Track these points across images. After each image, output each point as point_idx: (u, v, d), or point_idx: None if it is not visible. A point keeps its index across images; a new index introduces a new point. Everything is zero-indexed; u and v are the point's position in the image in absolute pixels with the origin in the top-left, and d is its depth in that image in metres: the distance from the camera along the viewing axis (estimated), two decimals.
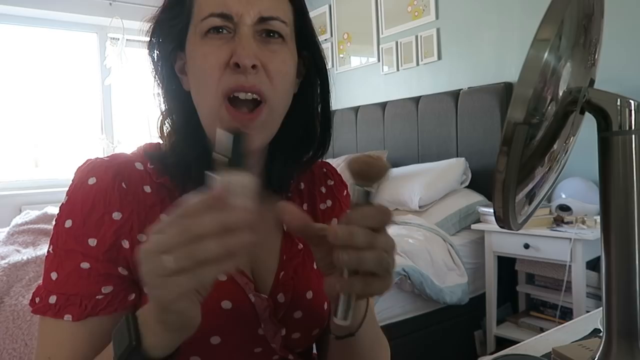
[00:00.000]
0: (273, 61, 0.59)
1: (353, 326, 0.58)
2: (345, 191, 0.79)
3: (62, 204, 0.60)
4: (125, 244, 0.58)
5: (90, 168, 0.60)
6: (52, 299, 0.57)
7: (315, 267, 0.70)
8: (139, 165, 0.61)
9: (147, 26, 0.65)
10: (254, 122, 0.59)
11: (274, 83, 0.59)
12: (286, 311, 0.65)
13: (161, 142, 0.66)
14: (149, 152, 0.64)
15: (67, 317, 0.56)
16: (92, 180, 0.58)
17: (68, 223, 0.58)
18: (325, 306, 0.69)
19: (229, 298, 0.60)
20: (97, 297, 0.57)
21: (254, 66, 0.57)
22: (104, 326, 0.57)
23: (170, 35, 0.63)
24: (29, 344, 1.34)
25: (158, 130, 0.66)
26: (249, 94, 0.58)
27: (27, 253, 1.74)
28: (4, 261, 1.61)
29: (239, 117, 0.58)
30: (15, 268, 1.58)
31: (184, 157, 0.61)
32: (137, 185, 0.60)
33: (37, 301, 0.58)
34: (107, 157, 0.62)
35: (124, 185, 0.59)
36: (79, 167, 0.61)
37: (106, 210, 0.58)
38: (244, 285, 0.62)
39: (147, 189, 0.60)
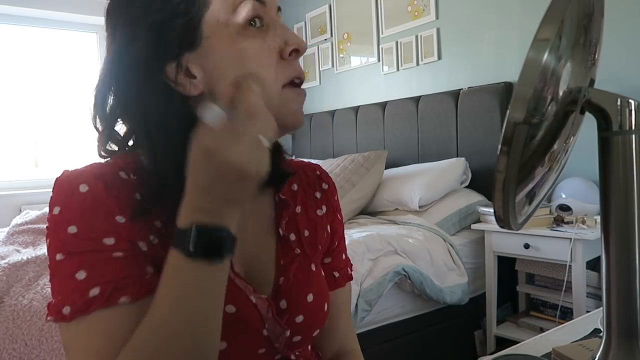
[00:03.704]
0: None
1: None
2: (336, 196, 0.79)
3: (54, 215, 0.55)
4: (143, 246, 0.56)
5: (75, 176, 0.56)
6: (94, 292, 0.52)
7: (313, 268, 0.70)
8: (123, 175, 0.58)
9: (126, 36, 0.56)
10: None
11: None
12: (289, 317, 0.65)
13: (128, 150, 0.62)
14: (130, 165, 0.59)
15: (124, 299, 0.52)
16: (83, 188, 0.55)
17: (72, 229, 0.54)
18: (325, 307, 0.70)
19: (231, 302, 0.59)
20: (145, 276, 0.54)
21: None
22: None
23: (178, 36, 0.55)
24: (29, 344, 1.34)
25: (122, 139, 0.62)
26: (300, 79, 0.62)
27: (27, 253, 1.74)
28: (3, 261, 1.61)
29: (301, 93, 0.61)
30: (15, 268, 1.58)
31: (169, 170, 0.55)
32: (128, 193, 0.57)
33: (66, 311, 0.52)
34: (86, 167, 0.58)
35: (114, 194, 0.56)
36: (60, 177, 0.57)
37: (108, 214, 0.55)
38: (243, 288, 0.62)
39: (138, 196, 0.57)
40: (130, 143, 0.63)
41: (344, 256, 0.79)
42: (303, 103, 0.62)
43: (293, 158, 0.76)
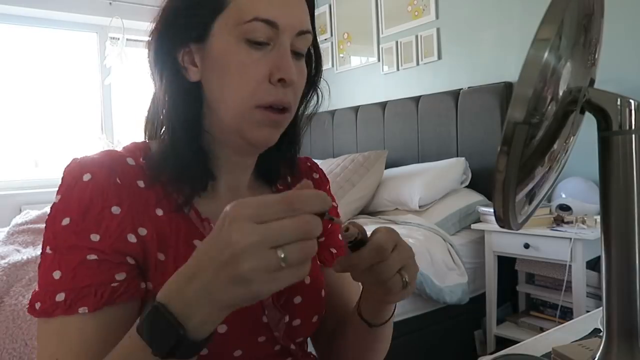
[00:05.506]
0: (300, 78, 0.63)
1: (387, 317, 0.67)
2: (328, 186, 0.83)
3: (55, 203, 0.58)
4: (132, 238, 0.58)
5: (82, 165, 0.59)
6: (60, 297, 0.54)
7: None
8: (130, 161, 0.61)
9: (158, 11, 0.63)
10: (282, 123, 0.63)
11: (297, 96, 0.63)
12: (287, 297, 0.67)
13: (147, 140, 0.68)
14: (142, 150, 0.64)
15: (82, 309, 0.54)
16: (87, 177, 0.58)
17: (65, 221, 0.56)
18: (323, 293, 0.72)
19: None
20: (112, 284, 0.56)
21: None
22: (118, 317, 0.55)
23: (190, 24, 0.60)
24: (29, 343, 1.34)
25: (145, 126, 0.68)
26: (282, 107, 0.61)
27: (27, 253, 1.74)
28: (3, 261, 1.61)
29: (274, 117, 0.61)
30: (15, 268, 1.58)
31: (182, 151, 0.61)
32: (131, 181, 0.60)
33: (37, 306, 0.55)
34: (97, 154, 0.61)
35: (118, 181, 0.59)
36: (69, 166, 0.60)
37: (104, 205, 0.57)
38: None
39: (141, 183, 0.60)
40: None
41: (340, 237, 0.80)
42: (272, 127, 0.62)
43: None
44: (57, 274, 0.55)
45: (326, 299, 0.73)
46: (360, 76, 3.41)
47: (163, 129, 0.65)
